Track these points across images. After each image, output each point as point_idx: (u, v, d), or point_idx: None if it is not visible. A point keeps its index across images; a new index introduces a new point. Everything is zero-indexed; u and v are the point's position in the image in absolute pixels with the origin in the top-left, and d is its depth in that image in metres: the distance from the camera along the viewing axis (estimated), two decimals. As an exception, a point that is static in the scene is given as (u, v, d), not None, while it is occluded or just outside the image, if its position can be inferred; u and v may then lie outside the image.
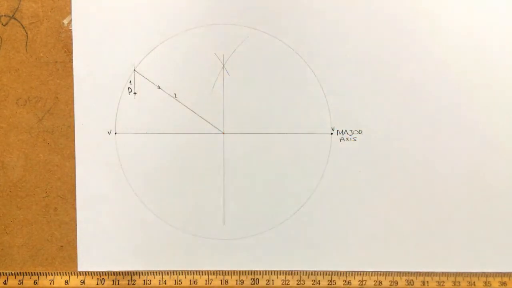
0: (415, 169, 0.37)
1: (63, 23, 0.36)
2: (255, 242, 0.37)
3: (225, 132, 0.37)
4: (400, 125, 0.37)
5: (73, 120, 0.36)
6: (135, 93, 0.36)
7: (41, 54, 0.36)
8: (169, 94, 0.36)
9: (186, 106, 0.37)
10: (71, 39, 0.36)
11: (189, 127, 0.37)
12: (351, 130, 0.37)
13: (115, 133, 0.36)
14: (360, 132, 0.37)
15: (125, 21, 0.36)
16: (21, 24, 0.35)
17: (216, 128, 0.37)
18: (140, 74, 0.36)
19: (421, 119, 0.37)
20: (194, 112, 0.37)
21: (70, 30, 0.36)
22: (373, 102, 0.37)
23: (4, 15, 0.35)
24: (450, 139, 0.37)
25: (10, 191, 0.36)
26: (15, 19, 0.35)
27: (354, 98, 0.37)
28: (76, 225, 0.37)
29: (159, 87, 0.36)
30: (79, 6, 0.36)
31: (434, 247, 0.38)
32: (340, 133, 0.37)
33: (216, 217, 0.37)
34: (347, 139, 0.37)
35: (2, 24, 0.35)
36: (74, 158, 0.36)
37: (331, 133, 0.37)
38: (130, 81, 0.36)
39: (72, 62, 0.36)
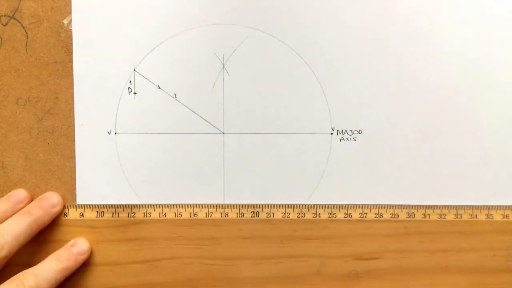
0: (415, 169, 0.37)
1: (63, 23, 0.36)
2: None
3: (225, 132, 0.37)
4: (400, 125, 0.37)
5: (73, 120, 0.36)
6: (135, 93, 0.36)
7: (41, 54, 0.36)
8: (169, 94, 0.36)
9: (186, 106, 0.37)
10: (71, 39, 0.36)
11: (189, 127, 0.37)
12: (351, 130, 0.37)
13: (115, 133, 0.36)
14: (360, 132, 0.37)
15: (125, 21, 0.36)
16: (21, 24, 0.35)
17: (216, 128, 0.37)
18: (140, 74, 0.36)
19: (421, 119, 0.37)
20: (194, 112, 0.37)
21: (70, 30, 0.36)
22: (373, 102, 0.37)
23: (4, 15, 0.35)
24: (450, 139, 0.37)
25: (10, 191, 0.36)
26: (15, 19, 0.35)
27: (354, 98, 0.37)
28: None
29: (159, 87, 0.36)
30: (79, 6, 0.36)
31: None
32: (340, 133, 0.37)
33: (216, 217, 0.37)
34: (347, 139, 0.37)
35: (2, 24, 0.35)
36: (74, 158, 0.36)
37: (331, 133, 0.37)
38: (130, 81, 0.36)
39: (72, 62, 0.36)
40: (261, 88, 0.37)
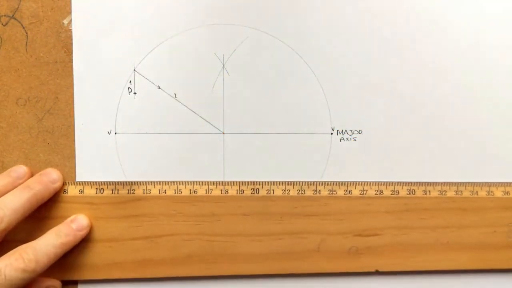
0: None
1: (63, 23, 0.36)
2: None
3: (225, 132, 0.37)
4: (400, 125, 0.37)
5: (73, 120, 0.36)
6: (135, 93, 0.36)
7: (41, 54, 0.36)
8: (169, 94, 0.36)
9: (186, 106, 0.37)
10: (71, 39, 0.36)
11: (189, 127, 0.37)
12: (351, 130, 0.37)
13: (115, 133, 0.36)
14: (360, 132, 0.37)
15: (125, 21, 0.36)
16: (21, 24, 0.35)
17: (216, 128, 0.37)
18: (140, 74, 0.36)
19: (421, 119, 0.37)
20: (194, 112, 0.37)
21: (70, 30, 0.36)
22: (373, 102, 0.37)
23: (4, 15, 0.35)
24: (451, 139, 0.37)
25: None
26: (15, 19, 0.35)
27: (354, 98, 0.37)
28: None
29: (159, 87, 0.36)
30: (79, 6, 0.36)
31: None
32: (340, 133, 0.37)
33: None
34: (347, 139, 0.37)
35: (2, 24, 0.35)
36: (74, 158, 0.36)
37: (331, 133, 0.37)
38: (130, 81, 0.36)
39: (72, 62, 0.36)
40: (261, 88, 0.37)
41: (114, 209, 0.36)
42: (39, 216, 0.35)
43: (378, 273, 0.37)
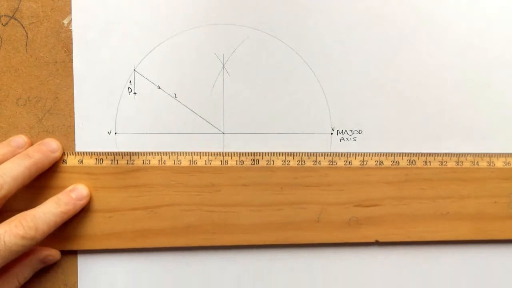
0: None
1: (63, 23, 0.36)
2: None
3: (225, 132, 0.37)
4: (400, 125, 0.37)
5: (73, 120, 0.36)
6: (135, 93, 0.36)
7: (41, 54, 0.36)
8: (169, 94, 0.36)
9: (186, 106, 0.37)
10: (71, 39, 0.36)
11: (189, 127, 0.37)
12: (351, 130, 0.37)
13: (115, 133, 0.36)
14: (360, 132, 0.37)
15: (125, 21, 0.36)
16: (21, 24, 0.35)
17: (216, 128, 0.37)
18: (140, 74, 0.36)
19: (421, 119, 0.37)
20: (194, 112, 0.37)
21: (70, 30, 0.36)
22: (373, 102, 0.37)
23: (4, 15, 0.35)
24: (451, 139, 0.37)
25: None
26: (15, 19, 0.35)
27: (354, 98, 0.37)
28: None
29: (159, 87, 0.36)
30: (79, 6, 0.36)
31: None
32: (340, 133, 0.37)
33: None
34: (347, 139, 0.37)
35: (2, 24, 0.35)
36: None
37: (331, 133, 0.37)
38: (130, 81, 0.36)
39: (72, 62, 0.36)
40: (261, 88, 0.37)
41: (114, 179, 0.36)
42: (38, 185, 0.35)
43: (378, 243, 0.37)
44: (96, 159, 0.36)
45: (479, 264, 0.38)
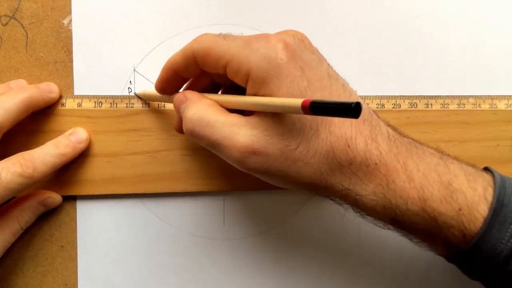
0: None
1: (63, 23, 0.36)
2: (254, 242, 0.37)
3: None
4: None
5: (73, 120, 0.36)
6: (135, 93, 0.36)
7: (41, 54, 0.36)
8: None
9: (186, 106, 0.36)
10: (71, 39, 0.36)
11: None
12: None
13: (115, 133, 0.36)
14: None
15: (125, 21, 0.36)
16: (21, 24, 0.35)
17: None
18: (140, 74, 0.36)
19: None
20: (194, 112, 0.37)
21: (70, 30, 0.36)
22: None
23: (4, 15, 0.35)
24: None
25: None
26: (15, 19, 0.35)
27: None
28: (76, 225, 0.36)
29: (159, 87, 0.36)
30: (79, 6, 0.36)
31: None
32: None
33: (217, 218, 0.37)
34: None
35: (2, 24, 0.35)
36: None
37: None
38: (130, 81, 0.36)
39: (72, 62, 0.36)
40: (261, 88, 0.37)
41: (113, 123, 0.35)
42: (36, 129, 0.35)
43: None
44: (95, 102, 0.35)
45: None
